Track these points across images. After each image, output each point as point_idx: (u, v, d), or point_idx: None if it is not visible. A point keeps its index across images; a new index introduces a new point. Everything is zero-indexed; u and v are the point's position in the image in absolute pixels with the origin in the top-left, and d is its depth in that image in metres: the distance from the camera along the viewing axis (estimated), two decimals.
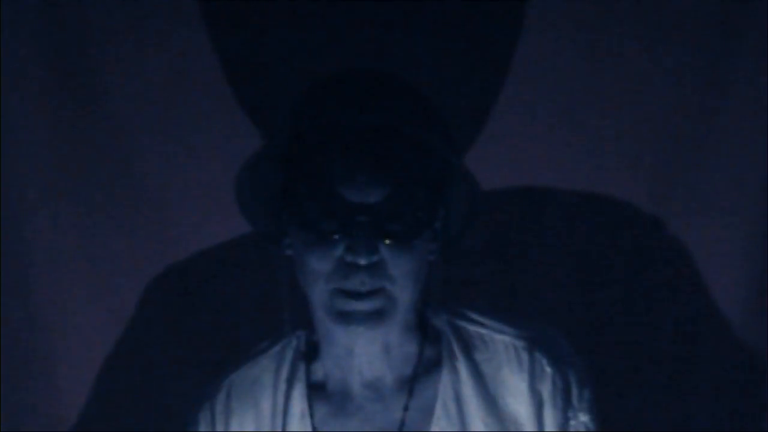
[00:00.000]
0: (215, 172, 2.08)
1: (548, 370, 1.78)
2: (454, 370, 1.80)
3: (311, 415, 1.81)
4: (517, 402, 1.78)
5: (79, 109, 2.12)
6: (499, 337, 1.81)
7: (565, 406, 1.78)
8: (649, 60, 2.08)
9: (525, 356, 1.79)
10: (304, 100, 1.77)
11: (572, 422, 1.78)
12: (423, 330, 1.83)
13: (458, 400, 1.79)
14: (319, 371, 1.84)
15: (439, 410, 1.78)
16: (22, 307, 2.13)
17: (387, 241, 1.70)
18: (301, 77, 1.95)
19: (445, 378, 1.80)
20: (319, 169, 1.70)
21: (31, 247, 2.13)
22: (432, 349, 1.82)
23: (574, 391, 1.78)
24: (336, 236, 1.70)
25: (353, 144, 1.70)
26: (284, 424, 1.81)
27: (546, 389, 1.78)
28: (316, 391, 1.83)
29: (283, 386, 1.83)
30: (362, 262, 1.69)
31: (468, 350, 1.81)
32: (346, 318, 1.72)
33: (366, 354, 1.79)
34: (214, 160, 2.10)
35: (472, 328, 1.83)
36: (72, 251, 2.14)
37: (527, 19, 2.08)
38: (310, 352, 1.85)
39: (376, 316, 1.72)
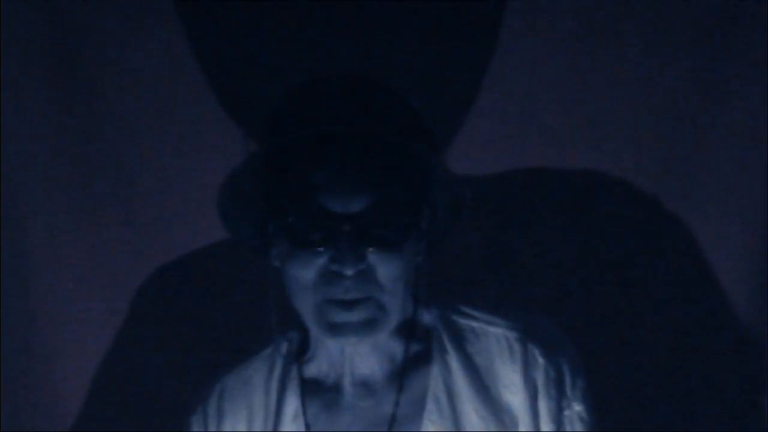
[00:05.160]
0: (214, 174, 2.07)
1: (541, 360, 1.77)
2: (445, 364, 1.79)
3: (304, 413, 1.80)
4: (511, 393, 1.77)
5: (79, 110, 2.13)
6: (491, 329, 1.80)
7: (559, 396, 1.77)
8: (650, 57, 2.07)
9: (517, 347, 1.78)
10: (280, 110, 1.75)
11: (566, 412, 1.77)
12: (412, 326, 1.82)
13: (450, 393, 1.78)
14: (310, 370, 1.83)
15: (430, 404, 1.78)
16: (22, 305, 2.14)
17: (373, 249, 1.69)
18: (286, 81, 1.95)
19: (435, 372, 1.79)
20: (300, 180, 1.69)
21: (31, 246, 2.14)
22: (422, 344, 1.81)
23: (567, 381, 1.77)
24: (321, 248, 1.69)
25: (333, 154, 1.68)
26: (277, 422, 1.81)
27: (539, 379, 1.77)
28: (309, 389, 1.82)
29: (275, 386, 1.83)
30: (348, 272, 1.68)
31: (459, 343, 1.80)
32: (336, 329, 1.71)
33: (356, 354, 1.79)
34: (213, 161, 2.10)
35: (464, 322, 1.82)
36: (71, 250, 2.14)
37: (527, 13, 2.08)
38: (302, 353, 1.84)
39: (367, 326, 1.71)
